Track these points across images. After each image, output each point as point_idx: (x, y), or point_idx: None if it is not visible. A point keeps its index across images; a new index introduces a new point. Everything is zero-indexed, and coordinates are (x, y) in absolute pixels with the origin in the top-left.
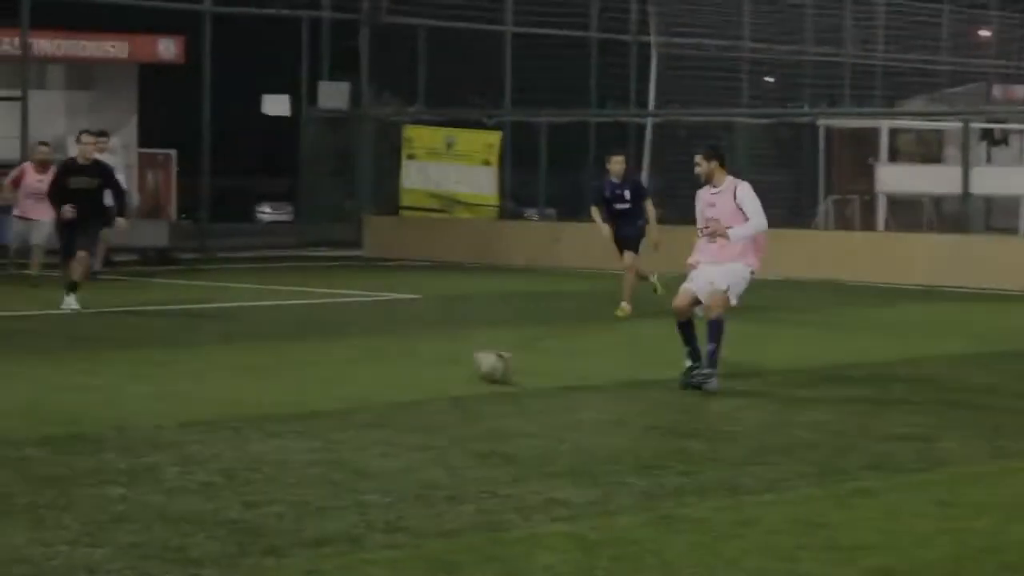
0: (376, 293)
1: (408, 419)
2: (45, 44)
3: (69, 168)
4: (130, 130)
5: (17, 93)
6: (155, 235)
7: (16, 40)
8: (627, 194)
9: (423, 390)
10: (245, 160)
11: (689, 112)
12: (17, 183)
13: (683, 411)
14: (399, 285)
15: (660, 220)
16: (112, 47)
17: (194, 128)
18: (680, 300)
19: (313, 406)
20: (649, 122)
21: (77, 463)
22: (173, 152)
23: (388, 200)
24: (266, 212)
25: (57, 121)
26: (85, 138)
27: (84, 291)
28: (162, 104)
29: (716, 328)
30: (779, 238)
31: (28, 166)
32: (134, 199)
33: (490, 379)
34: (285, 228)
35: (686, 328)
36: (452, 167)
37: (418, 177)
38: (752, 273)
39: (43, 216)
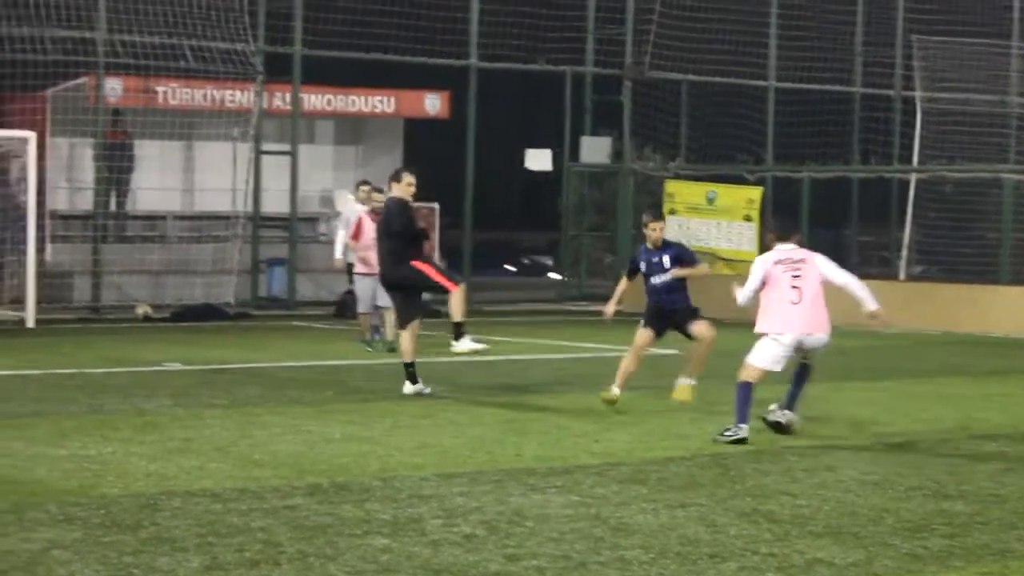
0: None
1: (668, 475)
2: (315, 99)
3: None
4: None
5: (287, 147)
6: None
7: (288, 95)
8: (666, 262)
9: (684, 446)
10: (507, 213)
11: (954, 168)
12: (357, 236)
13: (948, 472)
14: (660, 341)
15: (925, 277)
16: (380, 102)
17: (458, 181)
18: None
19: (573, 460)
20: (913, 178)
21: (343, 512)
22: (436, 205)
23: None
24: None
25: (325, 175)
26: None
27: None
28: (427, 158)
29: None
30: None
31: (364, 216)
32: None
33: (788, 431)
34: (546, 282)
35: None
36: (713, 223)
37: (679, 232)
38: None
39: None
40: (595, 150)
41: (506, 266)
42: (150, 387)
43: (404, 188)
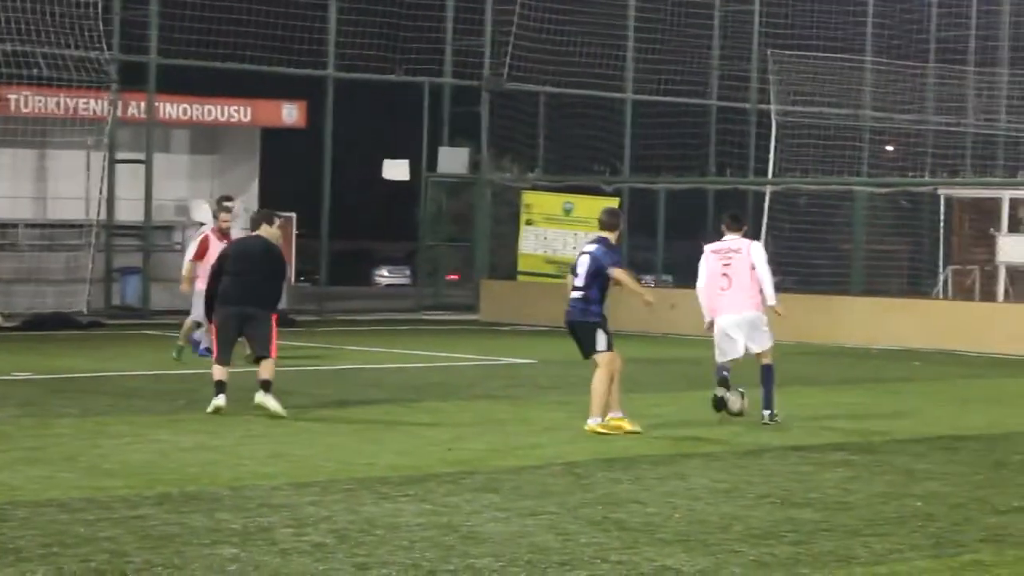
0: (492, 357)
1: (521, 483)
2: (171, 108)
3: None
4: (251, 193)
5: (142, 156)
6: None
7: (143, 104)
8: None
9: (538, 455)
10: (364, 224)
11: (808, 180)
12: (202, 255)
13: (796, 480)
14: (515, 349)
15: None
16: (236, 111)
17: (314, 192)
18: None
19: (426, 469)
20: (768, 190)
21: (193, 522)
22: (293, 215)
23: (505, 265)
24: (384, 276)
25: (180, 184)
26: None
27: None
28: (283, 167)
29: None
30: (899, 308)
31: (211, 233)
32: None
33: (739, 414)
34: (403, 291)
35: None
36: (570, 233)
37: (535, 242)
38: None
39: None
40: (453, 161)
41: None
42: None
43: (275, 232)
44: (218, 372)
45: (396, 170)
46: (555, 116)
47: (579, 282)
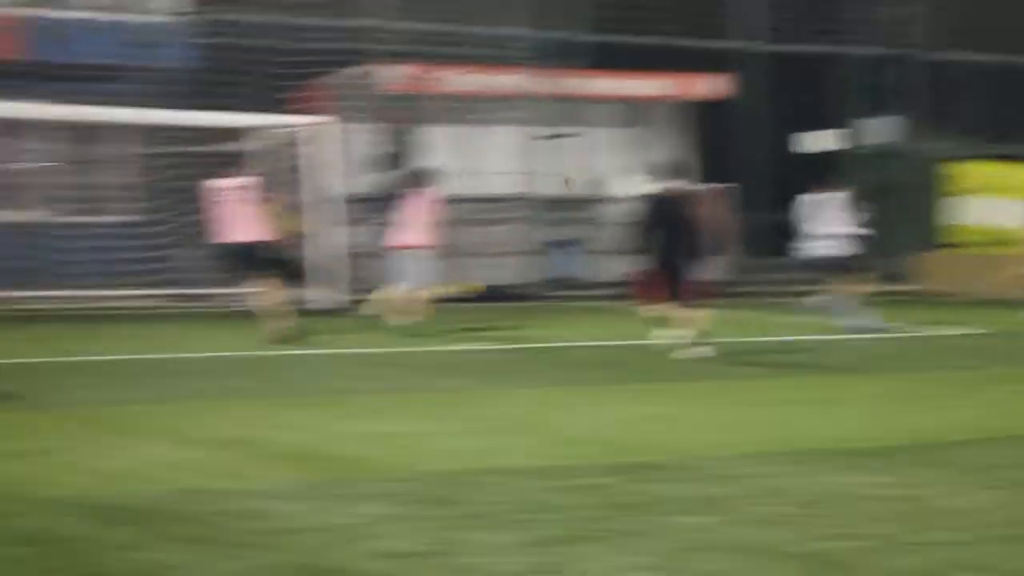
0: (934, 328)
1: (982, 457)
2: (598, 83)
3: None
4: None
5: (570, 131)
6: (706, 269)
7: (570, 80)
8: None
9: (992, 428)
10: (788, 197)
11: None
12: None
13: None
14: (959, 319)
15: None
16: (661, 85)
17: (739, 165)
18: None
19: (884, 441)
20: None
21: (656, 491)
22: (729, 186)
23: (933, 235)
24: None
25: (607, 158)
26: None
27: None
28: (708, 141)
29: None
30: None
31: None
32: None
33: None
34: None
35: None
36: (1002, 202)
37: (966, 212)
38: None
39: None
40: (880, 131)
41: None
42: (454, 367)
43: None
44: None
45: (820, 142)
46: (984, 86)
47: None
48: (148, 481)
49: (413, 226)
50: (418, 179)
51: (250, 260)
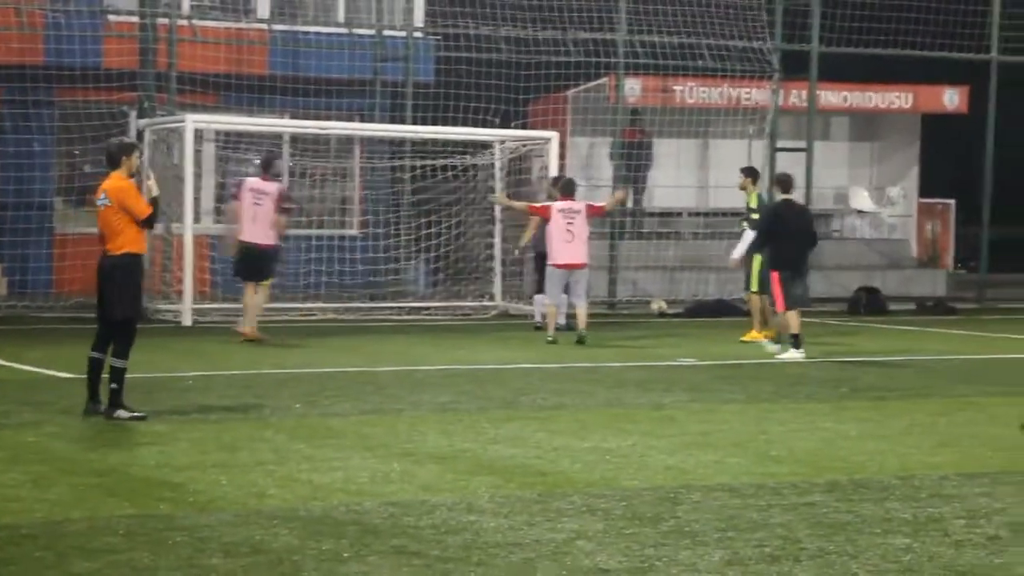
0: None
1: None
2: (831, 96)
3: None
4: (911, 180)
5: (803, 144)
6: (932, 284)
7: (804, 92)
8: None
9: None
10: None
11: None
12: None
13: None
14: None
15: None
16: (896, 98)
17: (976, 178)
18: None
19: None
20: None
21: (863, 510)
22: (952, 202)
23: None
24: None
25: (840, 172)
26: None
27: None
28: (944, 154)
29: None
30: None
31: None
32: None
33: None
34: None
35: None
36: None
37: None
38: None
39: None
40: None
41: None
42: (666, 381)
43: None
44: None
45: None
46: None
47: None
48: (353, 494)
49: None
50: (571, 191)
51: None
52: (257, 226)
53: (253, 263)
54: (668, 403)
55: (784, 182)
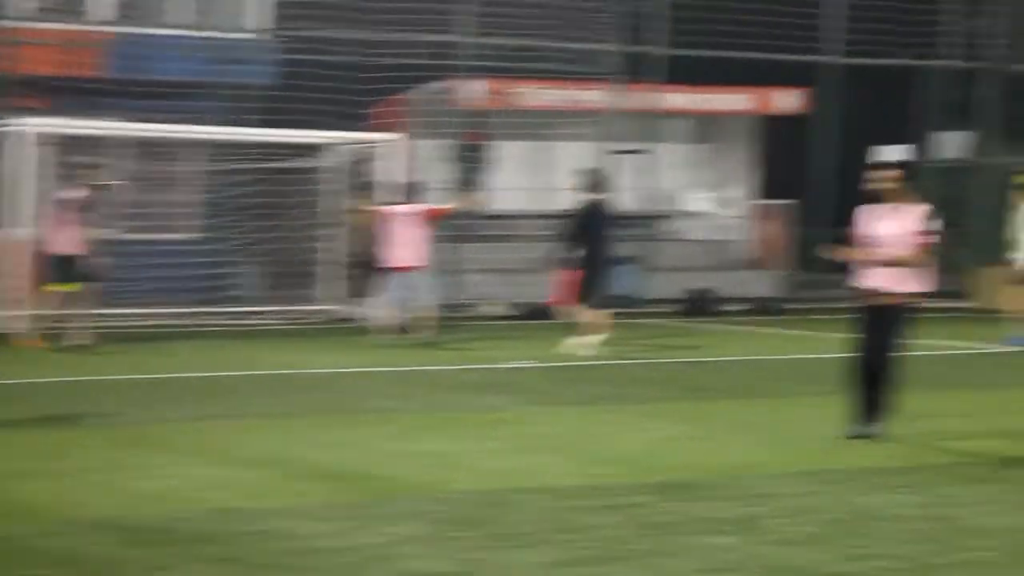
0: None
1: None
2: (671, 98)
3: None
4: (750, 182)
5: (642, 146)
6: (766, 285)
7: (646, 95)
8: None
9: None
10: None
11: None
12: None
13: None
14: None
15: None
16: (737, 100)
17: (817, 179)
18: None
19: (919, 460)
20: None
21: (690, 510)
22: (789, 203)
23: (999, 251)
24: None
25: (679, 174)
26: None
27: None
28: (787, 155)
29: None
30: None
31: None
32: None
33: None
34: None
35: None
36: None
37: None
38: None
39: None
40: (950, 145)
41: None
42: (503, 384)
43: None
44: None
45: (895, 156)
46: None
47: None
48: (180, 501)
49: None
50: (412, 194)
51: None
52: (64, 234)
53: (62, 269)
54: (503, 406)
55: (594, 182)
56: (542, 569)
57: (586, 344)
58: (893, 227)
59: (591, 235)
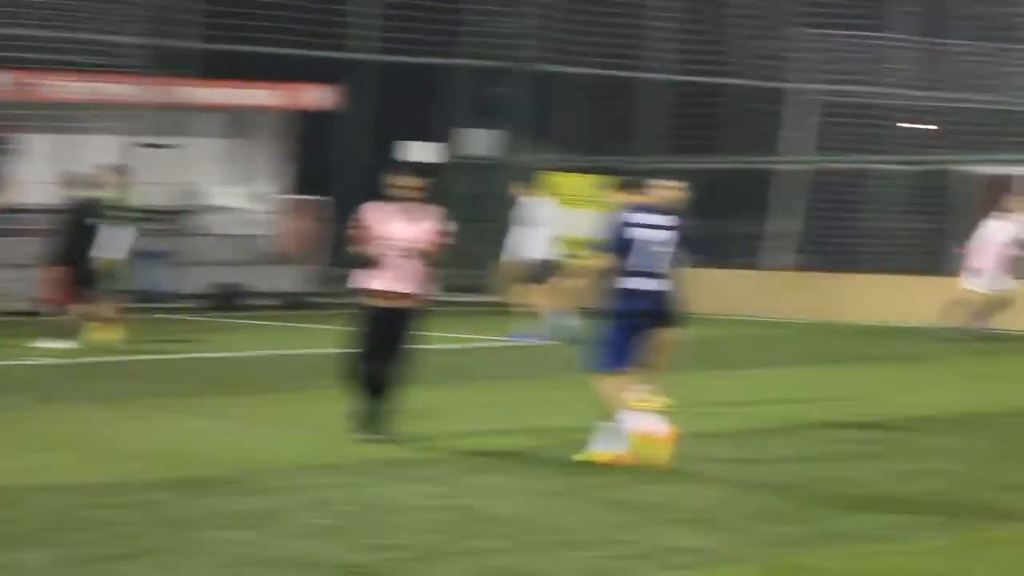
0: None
1: (537, 464)
2: (202, 93)
3: None
4: (280, 177)
5: (171, 141)
6: (296, 280)
7: (174, 88)
8: None
9: (553, 434)
10: None
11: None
12: None
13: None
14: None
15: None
16: (269, 95)
17: (340, 176)
18: None
19: (439, 451)
20: (781, 168)
21: (209, 506)
22: (322, 199)
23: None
24: None
25: (209, 168)
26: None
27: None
28: (314, 152)
29: None
30: (916, 286)
31: None
32: None
33: None
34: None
35: None
36: (579, 213)
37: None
38: None
39: None
40: (478, 143)
41: None
42: (18, 381)
43: None
44: None
45: (423, 152)
46: (584, 97)
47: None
48: None
49: None
50: None
51: None
52: None
53: None
54: (20, 404)
55: (78, 179)
56: (45, 569)
57: (58, 347)
58: (406, 228)
59: (80, 231)
